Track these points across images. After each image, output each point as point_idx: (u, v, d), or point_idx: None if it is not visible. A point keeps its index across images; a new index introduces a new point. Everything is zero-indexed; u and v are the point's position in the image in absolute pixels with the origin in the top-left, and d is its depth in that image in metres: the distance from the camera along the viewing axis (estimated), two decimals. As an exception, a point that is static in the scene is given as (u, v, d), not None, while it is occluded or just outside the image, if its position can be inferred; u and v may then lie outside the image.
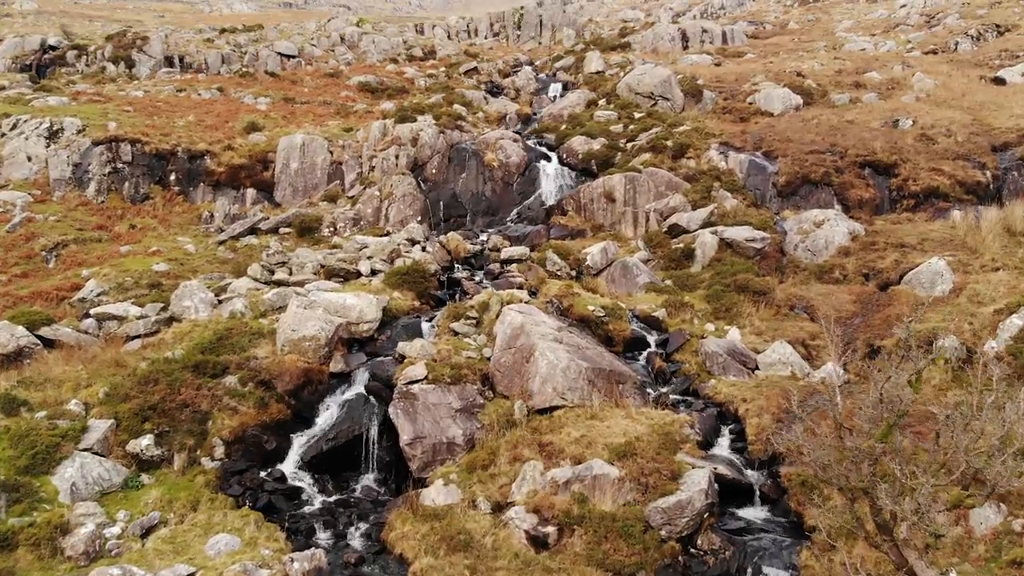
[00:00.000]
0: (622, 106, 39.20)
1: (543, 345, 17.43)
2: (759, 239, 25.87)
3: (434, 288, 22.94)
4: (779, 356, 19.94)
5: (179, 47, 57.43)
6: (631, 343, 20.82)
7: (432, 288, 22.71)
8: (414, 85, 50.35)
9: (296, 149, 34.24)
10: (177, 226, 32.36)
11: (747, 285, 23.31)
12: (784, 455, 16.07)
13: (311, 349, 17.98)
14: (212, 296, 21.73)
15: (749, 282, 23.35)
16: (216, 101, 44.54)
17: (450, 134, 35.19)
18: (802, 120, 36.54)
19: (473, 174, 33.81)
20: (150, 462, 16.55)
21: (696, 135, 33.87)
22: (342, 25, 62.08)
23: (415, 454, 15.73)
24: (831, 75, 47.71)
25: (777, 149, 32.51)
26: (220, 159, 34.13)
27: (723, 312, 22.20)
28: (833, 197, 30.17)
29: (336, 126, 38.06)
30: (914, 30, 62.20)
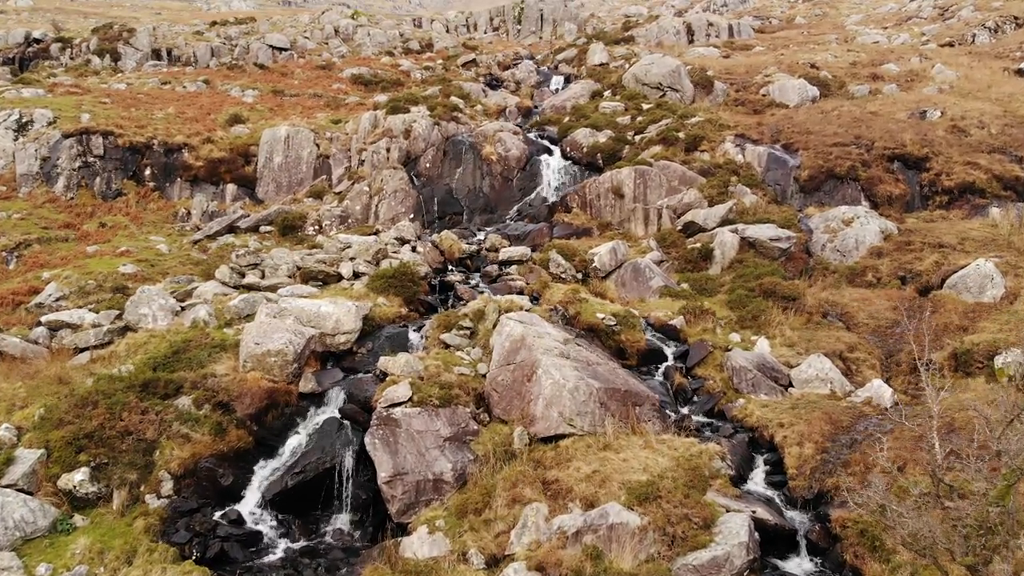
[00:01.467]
0: (629, 97, 36.50)
1: (547, 361, 14.74)
2: (784, 238, 23.18)
3: (424, 293, 20.25)
4: (816, 371, 17.26)
5: (167, 40, 54.77)
6: (646, 356, 18.15)
7: (422, 293, 20.02)
8: (410, 78, 47.67)
9: (280, 142, 31.56)
10: (151, 224, 29.69)
11: (774, 290, 20.62)
12: (833, 493, 13.42)
13: (277, 366, 15.29)
14: (173, 303, 19.06)
15: (776, 287, 20.65)
16: (201, 94, 41.86)
17: (445, 126, 32.51)
18: (821, 112, 33.84)
19: (470, 169, 31.13)
20: (85, 500, 13.86)
21: (710, 127, 31.17)
22: (336, 17, 59.37)
23: (395, 494, 13.03)
24: (846, 67, 45.07)
25: (797, 142, 29.81)
26: (199, 153, 31.45)
27: (749, 321, 19.50)
28: (860, 193, 27.47)
29: (325, 118, 35.38)
30: (928, 23, 59.49)
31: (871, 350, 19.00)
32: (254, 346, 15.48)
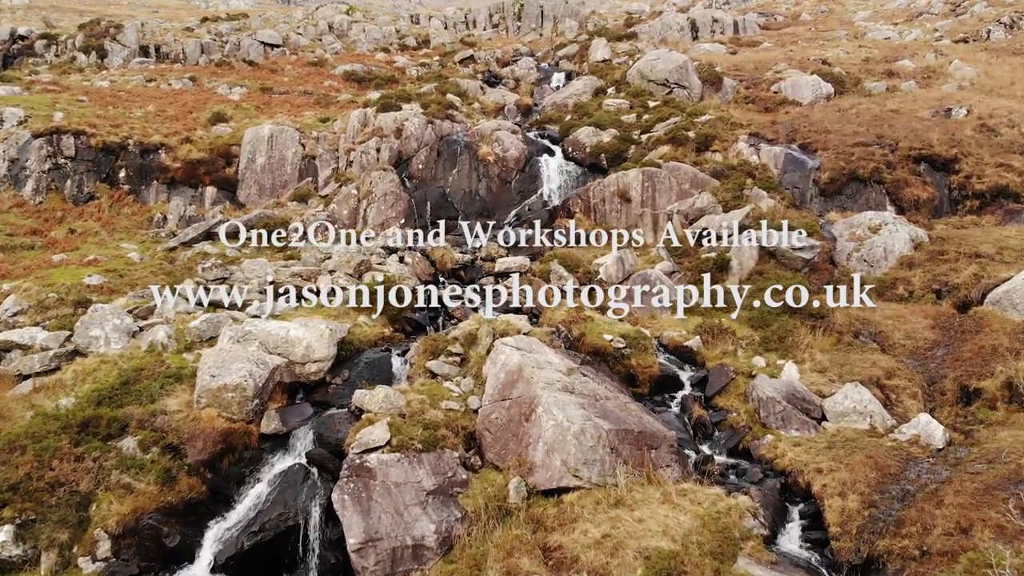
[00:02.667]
0: (634, 94, 34.25)
1: (548, 398, 12.54)
2: (808, 247, 20.96)
3: (411, 310, 18.04)
4: (853, 403, 15.04)
5: (155, 36, 52.51)
6: (660, 383, 15.96)
7: (409, 310, 17.81)
8: (405, 75, 45.42)
9: (263, 142, 29.34)
10: (123, 231, 27.46)
11: (799, 306, 18.39)
12: (886, 559, 11.23)
13: (235, 402, 13.08)
14: (130, 323, 16.84)
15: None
16: (186, 91, 39.63)
17: (440, 125, 30.26)
18: (838, 110, 31.59)
19: (466, 170, 28.90)
20: (9, 564, 11.70)
21: (721, 125, 28.93)
22: (331, 13, 57.09)
23: (366, 565, 10.81)
24: (858, 63, 42.82)
25: (815, 141, 27.58)
26: (176, 153, 29.23)
27: (774, 342, 17.28)
28: (885, 196, 25.25)
29: (313, 117, 33.14)
30: (940, 18, 57.17)
31: (911, 376, 16.76)
32: (209, 379, 13.27)
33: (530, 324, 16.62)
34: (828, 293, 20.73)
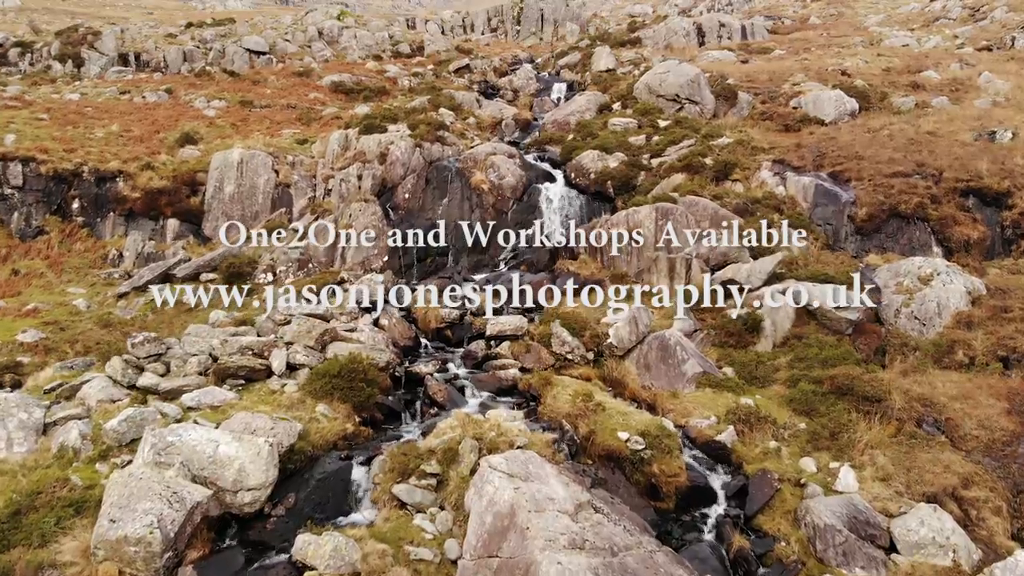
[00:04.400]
0: (642, 112, 30.91)
1: (550, 567, 9.25)
2: (852, 306, 17.66)
3: (384, 389, 14.77)
4: (931, 532, 11.78)
5: (135, 44, 49.19)
6: (688, 495, 12.70)
7: (380, 392, 14.53)
8: (396, 85, 42.11)
9: (232, 168, 26.03)
10: (73, 270, 24.20)
11: (851, 386, 15.11)
12: None
13: (140, 558, 9.82)
14: (40, 416, 13.57)
15: (853, 382, 15.14)
16: (160, 105, 36.32)
17: (429, 148, 26.94)
18: (868, 131, 28.26)
19: (457, 200, 25.60)
20: None
21: (742, 150, 25.62)
22: (320, 18, 53.70)
23: None
24: (879, 74, 39.47)
25: (847, 169, 24.27)
26: (136, 182, 25.94)
27: (825, 438, 13.97)
28: (930, 236, 21.97)
29: (291, 136, 29.81)
30: (959, 24, 53.72)
31: (992, 483, 13.47)
32: (108, 525, 10.00)
33: (525, 419, 13.36)
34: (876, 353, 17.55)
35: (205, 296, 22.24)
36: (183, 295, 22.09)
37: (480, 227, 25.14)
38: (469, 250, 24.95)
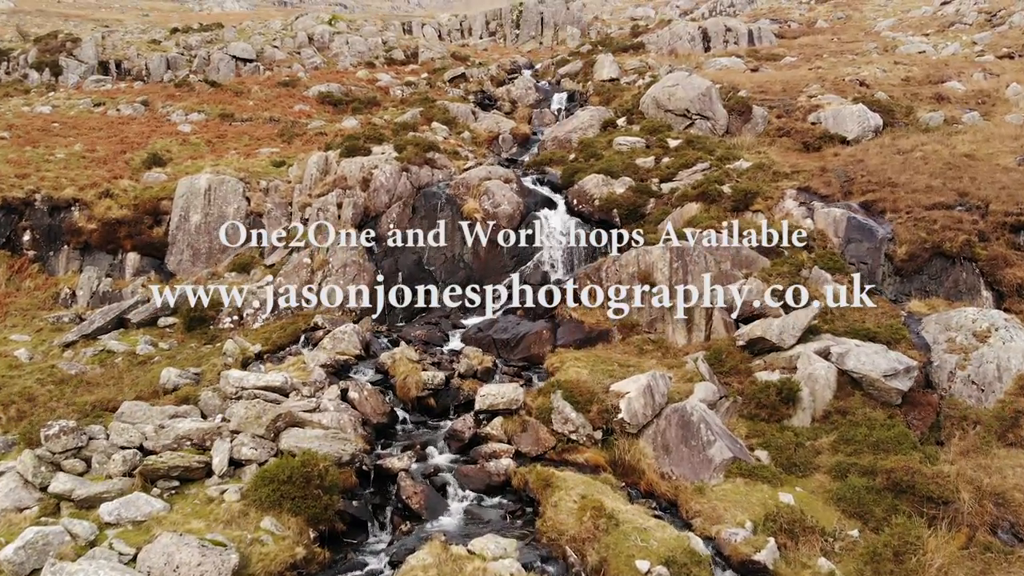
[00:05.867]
0: (650, 129, 28.12)
1: None
2: (903, 371, 14.88)
3: (348, 490, 12.02)
4: None
5: (117, 51, 46.37)
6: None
7: (343, 494, 11.78)
8: (388, 95, 39.30)
9: (199, 195, 23.26)
10: (20, 312, 21.44)
11: (911, 482, 12.37)
12: None
13: None
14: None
15: (914, 477, 12.39)
16: (134, 119, 33.56)
17: (417, 172, 24.17)
18: (898, 152, 25.45)
19: (447, 231, 22.83)
20: None
21: (762, 176, 22.83)
22: (311, 23, 50.85)
23: None
24: (899, 84, 36.72)
25: (881, 199, 21.49)
26: (93, 211, 23.17)
27: (887, 560, 11.21)
28: (979, 278, 19.19)
29: (267, 158, 27.03)
30: (975, 29, 50.84)
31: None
32: None
33: (520, 543, 10.62)
34: (931, 429, 14.83)
35: (164, 345, 19.54)
36: (136, 345, 19.37)
37: (473, 260, 22.41)
38: (461, 284, 22.20)
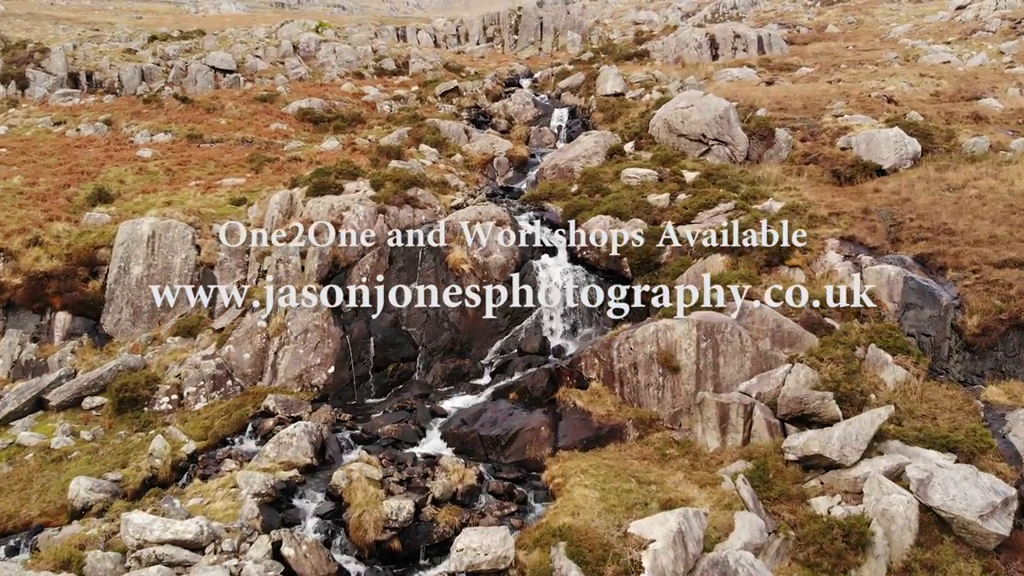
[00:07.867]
0: (663, 159, 24.44)
1: None
2: (999, 505, 11.25)
3: None
4: None
5: (88, 61, 42.63)
6: None
7: None
8: (374, 112, 35.60)
9: (141, 243, 19.61)
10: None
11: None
12: None
13: None
14: None
15: None
16: (93, 141, 29.91)
17: (396, 213, 20.53)
18: (948, 188, 21.74)
19: (430, 285, 19.18)
20: None
21: (797, 220, 19.13)
22: (297, 31, 47.08)
23: None
24: (928, 100, 33.09)
25: (939, 252, 17.85)
26: (18, 262, 19.51)
27: None
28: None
29: (229, 190, 23.35)
30: (1000, 38, 47.02)
31: None
32: None
33: None
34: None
35: (86, 434, 15.93)
36: (52, 435, 15.77)
37: (459, 319, 18.80)
38: (444, 351, 18.58)
